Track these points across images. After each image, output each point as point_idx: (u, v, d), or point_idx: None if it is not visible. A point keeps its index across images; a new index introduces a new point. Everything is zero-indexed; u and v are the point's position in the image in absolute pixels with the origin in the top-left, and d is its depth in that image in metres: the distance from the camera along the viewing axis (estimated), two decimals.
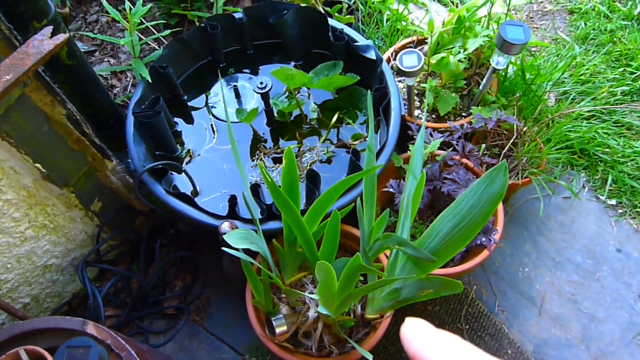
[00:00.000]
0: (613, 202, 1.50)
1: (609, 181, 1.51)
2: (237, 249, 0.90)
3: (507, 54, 1.16)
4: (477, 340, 1.31)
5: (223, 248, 0.84)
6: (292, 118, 1.38)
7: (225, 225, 1.05)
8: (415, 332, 0.28)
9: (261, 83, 1.23)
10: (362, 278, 1.21)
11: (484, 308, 1.36)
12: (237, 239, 0.87)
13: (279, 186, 0.92)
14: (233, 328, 1.37)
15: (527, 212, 1.48)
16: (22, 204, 1.07)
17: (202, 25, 1.39)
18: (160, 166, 1.18)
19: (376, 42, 1.70)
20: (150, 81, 1.30)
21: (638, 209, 1.48)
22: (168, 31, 1.42)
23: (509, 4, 1.23)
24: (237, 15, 1.42)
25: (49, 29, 0.85)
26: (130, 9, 1.31)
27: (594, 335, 1.32)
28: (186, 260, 1.45)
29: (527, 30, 1.14)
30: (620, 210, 1.49)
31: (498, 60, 1.21)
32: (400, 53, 1.18)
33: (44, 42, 0.83)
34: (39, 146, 1.03)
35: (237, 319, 1.37)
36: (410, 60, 1.16)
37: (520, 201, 1.50)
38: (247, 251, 0.95)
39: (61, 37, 0.84)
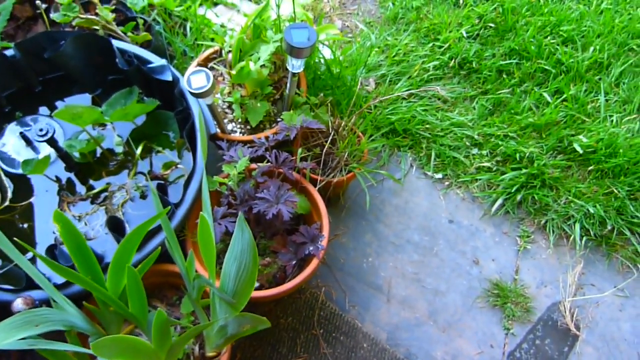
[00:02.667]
0: (439, 175, 1.57)
1: (433, 156, 1.57)
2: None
3: (298, 57, 1.14)
4: (333, 342, 1.31)
5: None
6: (97, 156, 1.26)
7: (18, 303, 0.93)
8: None
9: (41, 130, 1.09)
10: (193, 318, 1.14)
11: (335, 308, 1.36)
12: (9, 331, 0.76)
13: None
14: None
15: (362, 203, 1.49)
16: None
17: None
18: None
19: (187, 52, 1.60)
20: None
21: (461, 179, 1.55)
22: None
23: (294, 4, 1.20)
24: (9, 53, 1.25)
25: None
26: None
27: (439, 308, 1.37)
28: None
29: (312, 32, 1.12)
30: (446, 183, 1.56)
31: (293, 64, 1.18)
32: (188, 74, 1.10)
33: None
34: None
35: None
36: (198, 81, 1.09)
37: (356, 192, 1.51)
38: None
39: None
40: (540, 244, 1.48)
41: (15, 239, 0.80)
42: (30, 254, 1.11)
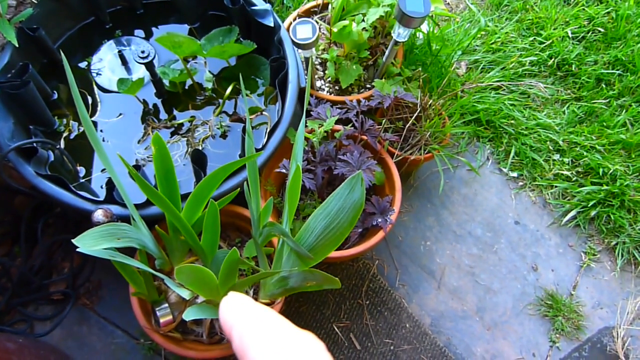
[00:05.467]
0: (515, 174, 1.52)
1: (512, 153, 1.52)
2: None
3: (407, 27, 1.10)
4: (376, 315, 1.31)
5: (78, 249, 0.76)
6: (186, 87, 1.28)
7: (98, 214, 0.96)
8: (232, 304, 0.29)
9: (143, 52, 1.11)
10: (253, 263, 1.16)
11: (385, 283, 1.35)
12: (95, 239, 0.79)
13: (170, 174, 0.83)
14: (126, 311, 1.30)
15: (431, 186, 1.47)
16: None
17: None
18: (26, 145, 1.06)
19: (285, 2, 1.59)
20: (17, 45, 1.15)
21: (537, 182, 1.50)
22: None
23: None
24: None
25: None
26: None
27: (488, 306, 1.35)
28: None
29: (428, 2, 1.08)
30: (520, 183, 1.51)
31: (399, 33, 1.15)
32: (294, 23, 1.09)
33: None
34: None
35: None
36: (304, 32, 1.07)
37: (426, 174, 1.48)
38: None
39: None
40: (606, 264, 1.43)
41: (117, 153, 0.82)
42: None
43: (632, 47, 1.66)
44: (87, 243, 0.76)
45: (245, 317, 0.27)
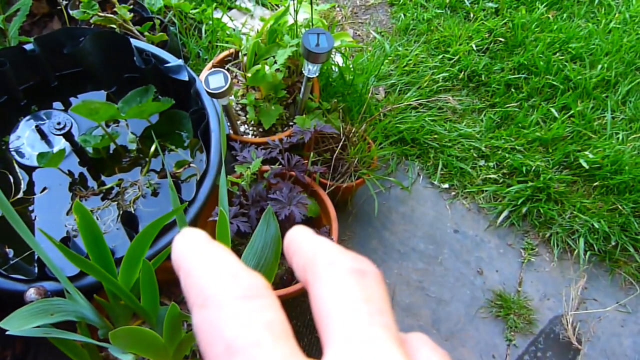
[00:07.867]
0: (446, 185, 1.58)
1: (440, 166, 1.59)
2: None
3: (315, 63, 1.15)
4: None
5: (8, 332, 0.74)
6: (110, 152, 1.28)
7: (31, 292, 0.93)
8: (184, 241, 0.25)
9: (58, 124, 1.11)
10: None
11: None
12: (25, 318, 0.76)
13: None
14: None
15: (369, 210, 1.50)
16: None
17: None
18: None
19: (201, 55, 1.62)
20: None
21: (468, 189, 1.57)
22: None
23: (312, 11, 1.22)
24: (28, 47, 1.27)
25: None
26: None
27: (442, 317, 1.38)
28: None
29: (330, 37, 1.14)
30: (453, 193, 1.58)
31: (309, 69, 1.19)
32: (206, 74, 1.12)
33: None
34: None
35: None
36: (216, 81, 1.10)
37: (363, 199, 1.52)
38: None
39: None
40: (544, 257, 1.49)
41: (38, 228, 0.81)
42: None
43: (531, 51, 1.79)
44: (16, 324, 0.73)
45: (192, 256, 0.24)
